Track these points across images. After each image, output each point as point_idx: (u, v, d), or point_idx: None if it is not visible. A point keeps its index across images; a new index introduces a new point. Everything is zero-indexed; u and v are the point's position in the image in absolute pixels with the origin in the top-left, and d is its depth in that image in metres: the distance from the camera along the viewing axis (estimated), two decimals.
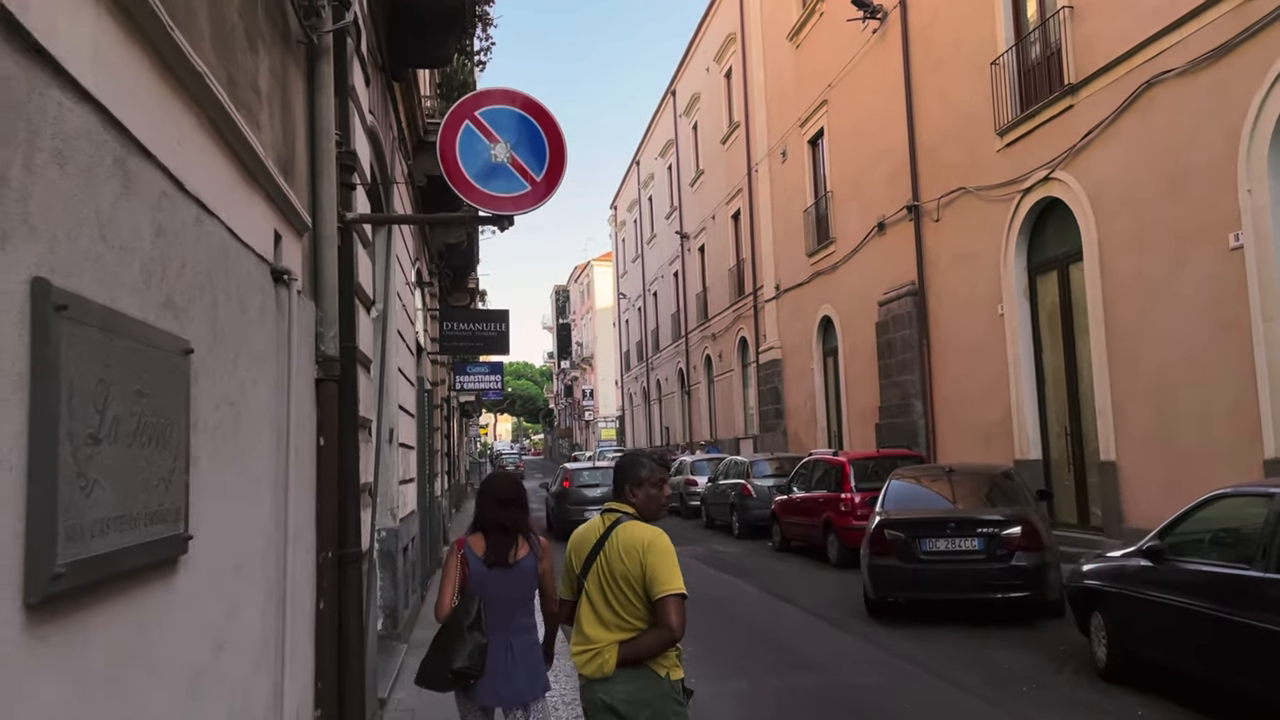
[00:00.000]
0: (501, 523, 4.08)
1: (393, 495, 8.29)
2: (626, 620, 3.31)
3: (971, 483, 10.05)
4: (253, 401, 3.31)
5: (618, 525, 3.40)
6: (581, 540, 3.52)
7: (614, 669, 3.28)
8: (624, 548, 3.31)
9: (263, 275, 3.47)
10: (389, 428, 8.20)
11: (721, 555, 15.72)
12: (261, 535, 3.40)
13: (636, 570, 3.27)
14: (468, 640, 3.82)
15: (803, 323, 23.03)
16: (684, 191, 35.50)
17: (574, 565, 3.50)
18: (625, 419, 52.98)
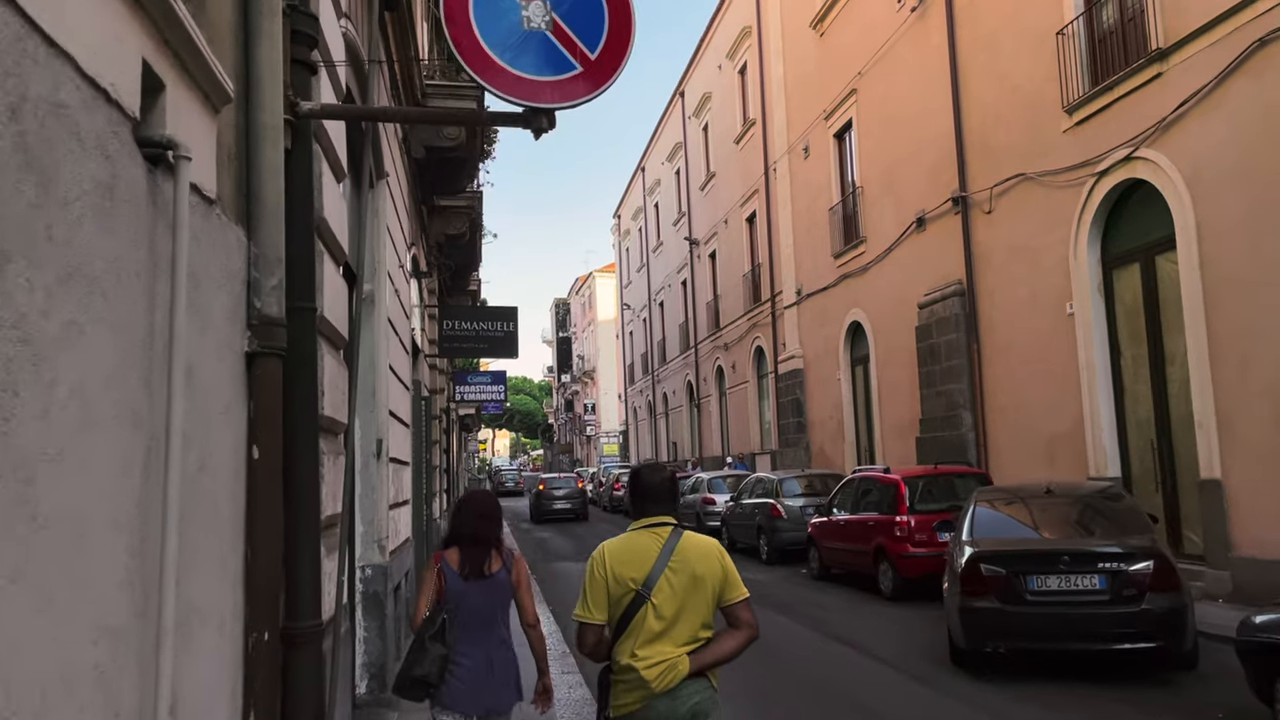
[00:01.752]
0: (475, 536, 4.17)
1: (381, 524, 6.64)
2: (693, 629, 3.33)
3: (1076, 506, 8.42)
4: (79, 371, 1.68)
5: (681, 535, 3.42)
6: (630, 554, 3.37)
7: (684, 677, 3.27)
8: (700, 554, 3.38)
9: (106, 131, 1.83)
10: (376, 438, 6.55)
11: (753, 585, 13.89)
12: (92, 635, 1.76)
13: (718, 573, 3.36)
14: (429, 650, 3.94)
15: (828, 329, 21.42)
16: (693, 196, 33.97)
17: (622, 579, 3.33)
18: (629, 434, 51.28)
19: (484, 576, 4.10)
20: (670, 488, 3.59)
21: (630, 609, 3.33)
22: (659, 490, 3.54)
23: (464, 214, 13.06)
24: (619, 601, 3.36)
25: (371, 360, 6.62)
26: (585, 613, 3.38)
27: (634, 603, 3.32)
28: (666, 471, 3.67)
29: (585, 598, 3.40)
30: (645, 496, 3.53)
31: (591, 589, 3.39)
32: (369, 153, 6.22)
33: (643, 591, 3.31)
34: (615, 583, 3.35)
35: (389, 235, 7.15)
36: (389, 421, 7.04)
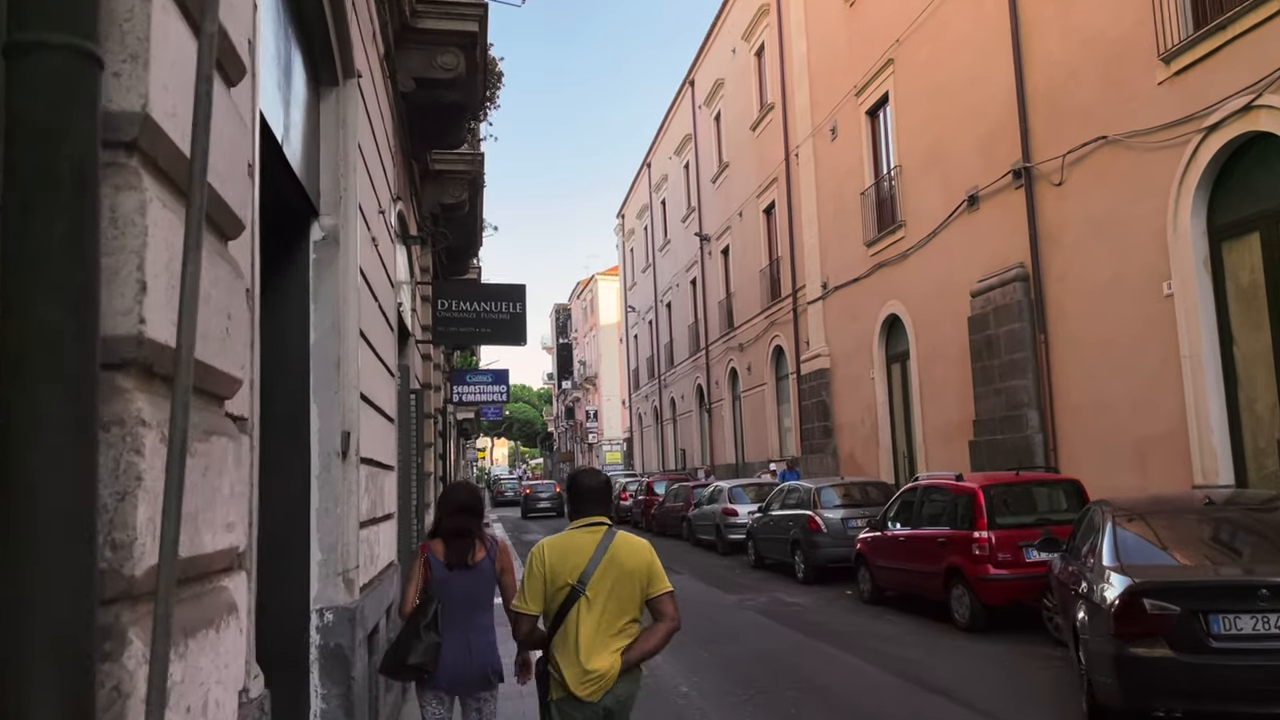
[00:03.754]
0: (458, 528, 4.44)
1: (347, 549, 4.80)
2: (623, 622, 3.66)
3: (1248, 522, 6.58)
4: None
5: (615, 534, 3.76)
6: (567, 551, 3.70)
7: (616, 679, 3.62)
8: (630, 551, 3.73)
9: None
10: (342, 431, 4.71)
11: (794, 609, 12.19)
12: None
13: (644, 569, 3.70)
14: (424, 638, 4.21)
15: (860, 324, 19.61)
16: (704, 190, 32.20)
17: (558, 575, 3.65)
18: (633, 441, 49.42)
19: (468, 566, 4.39)
20: (605, 491, 3.98)
21: (566, 602, 3.64)
22: (595, 493, 3.89)
23: (462, 180, 11.25)
24: (555, 595, 3.66)
25: (334, 321, 4.79)
26: (522, 604, 3.70)
27: (570, 596, 3.63)
28: (602, 476, 4.02)
29: (523, 590, 3.71)
30: (582, 498, 3.87)
31: (530, 583, 3.69)
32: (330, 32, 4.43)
33: (578, 587, 3.62)
34: (554, 578, 3.66)
35: (363, 160, 5.33)
36: (361, 409, 5.21)
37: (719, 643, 10.10)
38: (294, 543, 4.64)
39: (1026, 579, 9.66)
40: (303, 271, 4.77)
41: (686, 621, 11.18)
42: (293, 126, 4.29)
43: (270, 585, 4.64)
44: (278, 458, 4.68)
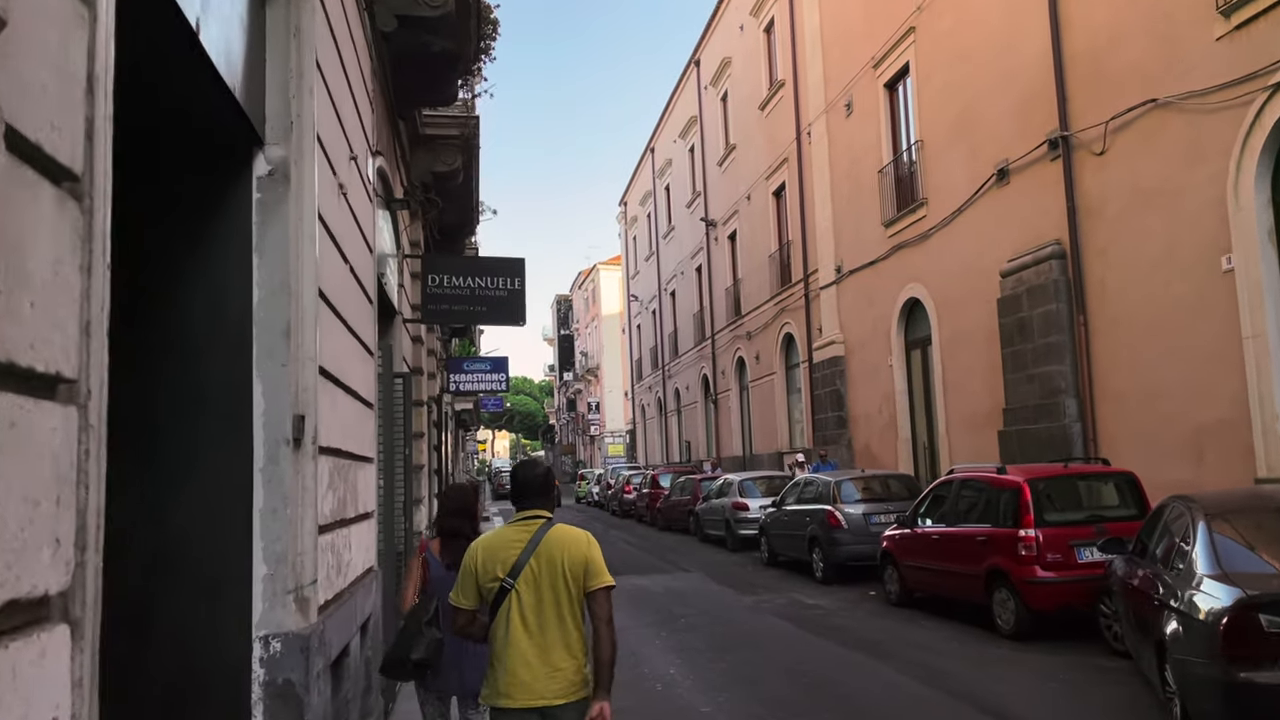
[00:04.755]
0: (453, 530, 4.53)
1: (301, 560, 3.86)
2: (560, 621, 3.51)
3: None
4: None
5: (550, 527, 3.62)
6: (498, 547, 3.61)
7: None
8: (564, 544, 3.56)
9: None
10: (294, 414, 3.78)
11: (816, 613, 11.26)
12: None
13: (580, 561, 3.53)
14: (425, 635, 4.28)
15: (877, 309, 18.64)
16: (710, 173, 31.20)
17: (488, 570, 3.57)
18: (636, 433, 48.50)
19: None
20: (544, 482, 3.78)
21: (498, 597, 3.56)
22: (532, 485, 3.74)
23: (455, 145, 10.31)
24: (488, 591, 3.59)
25: (284, 278, 3.85)
26: (456, 598, 3.67)
27: (500, 591, 3.55)
28: (541, 467, 3.89)
29: (459, 585, 3.67)
30: (520, 492, 3.74)
31: (463, 579, 3.65)
32: None
33: (507, 582, 3.54)
34: (484, 574, 3.58)
35: (324, 84, 4.38)
36: (322, 388, 4.27)
37: (739, 651, 9.17)
38: (229, 554, 3.72)
39: (1078, 582, 8.74)
40: (242, 214, 3.83)
41: (702, 626, 10.21)
42: (223, 26, 3.34)
43: (197, 609, 3.72)
44: (209, 446, 3.76)
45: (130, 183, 4.06)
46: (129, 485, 3.81)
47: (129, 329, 3.90)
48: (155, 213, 3.90)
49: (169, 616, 3.73)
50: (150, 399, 3.82)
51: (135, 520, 3.79)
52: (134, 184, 3.97)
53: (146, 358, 3.85)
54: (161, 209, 3.89)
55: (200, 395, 3.80)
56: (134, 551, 3.79)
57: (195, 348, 3.82)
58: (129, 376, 3.91)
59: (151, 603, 3.73)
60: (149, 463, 3.77)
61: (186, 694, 3.71)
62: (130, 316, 3.89)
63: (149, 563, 3.74)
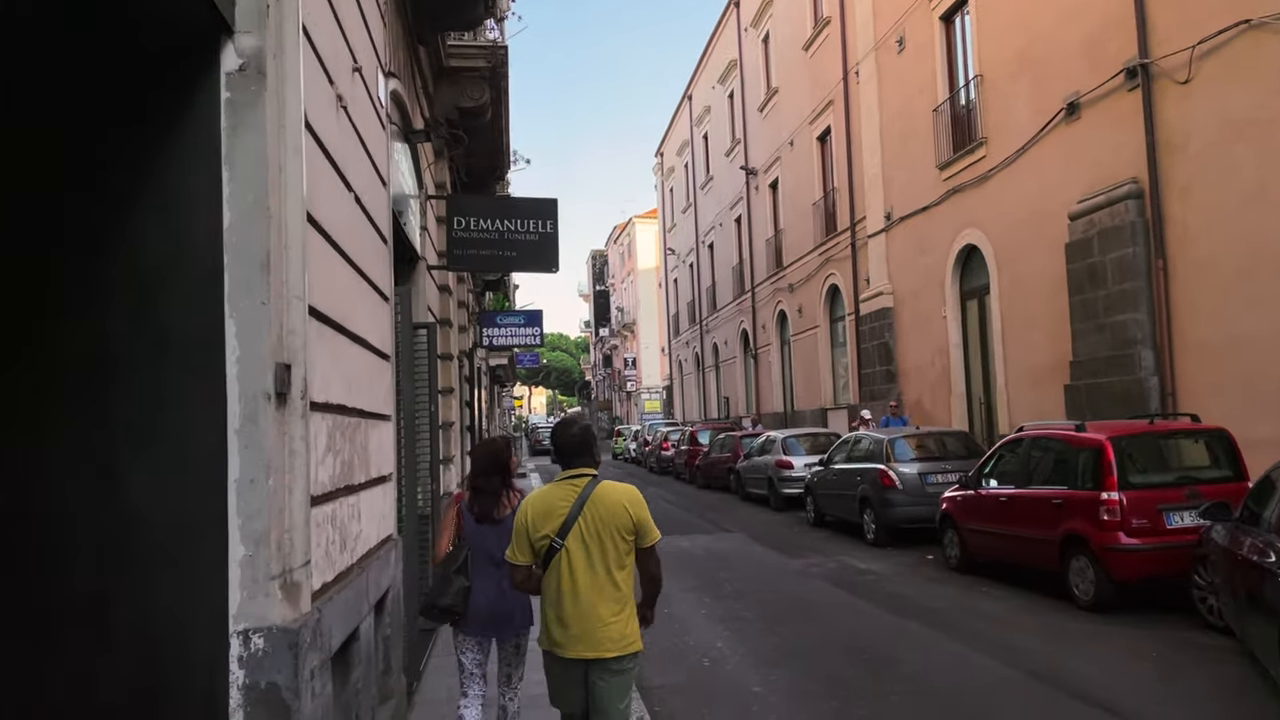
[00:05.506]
0: (483, 485, 4.60)
1: (289, 538, 3.21)
2: (610, 576, 3.66)
3: None
4: None
5: (596, 484, 3.73)
6: (547, 506, 3.73)
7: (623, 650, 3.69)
8: (611, 502, 3.69)
9: None
10: (277, 362, 3.08)
11: (870, 578, 10.57)
12: None
13: (627, 519, 3.67)
14: (454, 583, 4.42)
15: (930, 257, 17.69)
16: (750, 119, 30.09)
17: (538, 528, 3.70)
18: (673, 389, 47.85)
19: (494, 521, 4.53)
20: (584, 440, 3.86)
21: (549, 554, 3.69)
22: (574, 444, 3.84)
23: (482, 78, 9.54)
24: (539, 548, 3.72)
25: (260, 196, 3.15)
26: (512, 555, 3.82)
27: (551, 549, 3.68)
28: (578, 426, 3.89)
29: (514, 543, 3.80)
30: (563, 451, 3.86)
31: (516, 536, 3.79)
32: None
33: (556, 541, 3.67)
34: (534, 531, 3.72)
35: None
36: (316, 332, 3.60)
37: (791, 623, 8.52)
38: (198, 535, 3.07)
39: (1168, 549, 7.96)
40: (208, 117, 3.13)
41: (749, 592, 9.52)
42: None
43: (161, 601, 3.09)
44: (172, 404, 3.10)
45: (72, 86, 3.39)
46: (74, 454, 3.17)
47: (74, 259, 3.24)
48: (105, 121, 3.22)
49: (128, 612, 3.10)
50: (99, 347, 3.16)
51: (82, 496, 3.16)
52: (77, 87, 3.29)
53: (94, 297, 3.18)
54: (112, 116, 3.20)
55: (160, 341, 3.13)
56: (81, 534, 3.16)
57: (153, 282, 3.14)
58: (74, 319, 3.26)
59: (106, 596, 3.11)
60: (99, 425, 3.13)
61: (153, 701, 3.10)
62: (81, 245, 3.23)
63: (100, 548, 3.12)
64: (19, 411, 3.20)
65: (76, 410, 3.16)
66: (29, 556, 3.15)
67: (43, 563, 3.15)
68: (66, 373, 3.17)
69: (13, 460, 3.18)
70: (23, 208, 3.25)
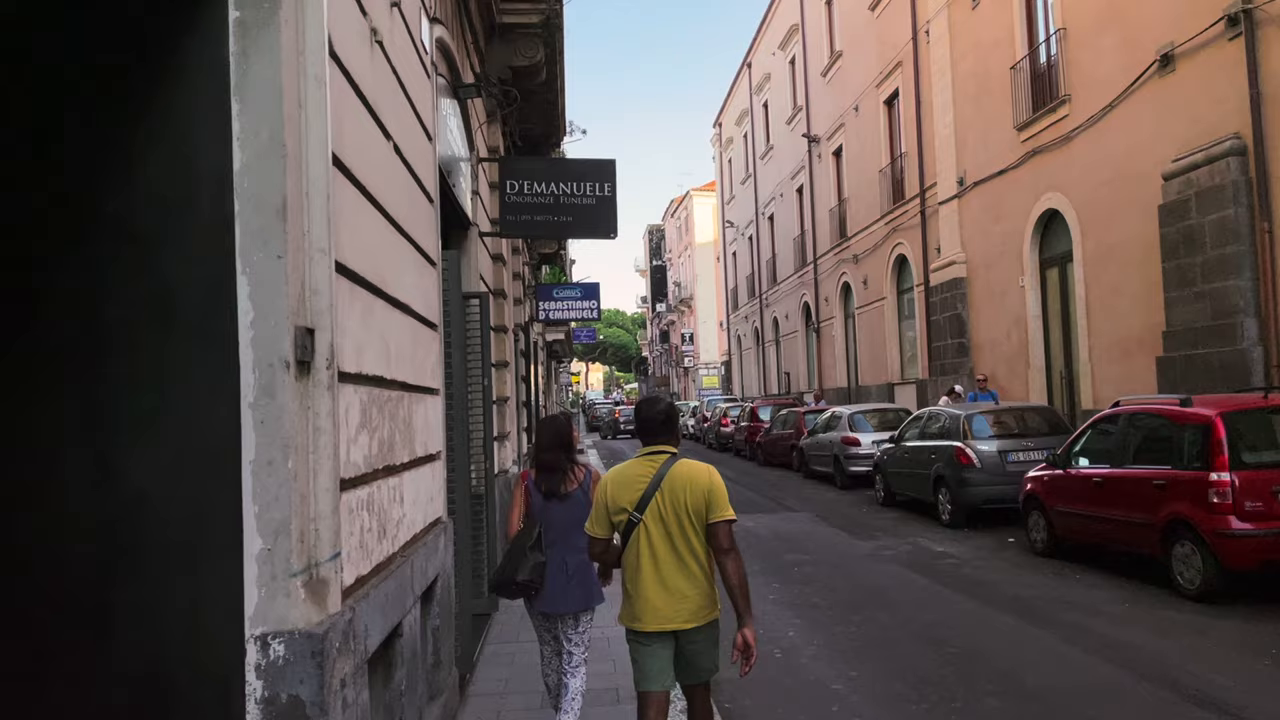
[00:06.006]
0: (548, 462, 4.65)
1: (316, 525, 2.78)
2: (686, 551, 3.72)
3: None
4: None
5: (674, 462, 3.79)
6: (626, 481, 3.82)
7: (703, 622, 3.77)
8: (689, 479, 3.74)
9: None
10: (297, 326, 2.61)
11: (948, 563, 9.96)
12: None
13: (703, 496, 3.70)
14: (529, 558, 4.53)
15: (1006, 223, 16.80)
16: (813, 85, 29.16)
17: (617, 503, 3.79)
18: (732, 364, 47.21)
19: (560, 497, 4.62)
20: (667, 419, 3.93)
21: (627, 528, 3.78)
22: (656, 422, 3.91)
23: (535, 35, 9.04)
24: (617, 523, 3.82)
25: (274, 133, 2.70)
26: (591, 528, 3.92)
27: (629, 524, 3.77)
28: (663, 404, 4.00)
29: (592, 516, 3.92)
30: (644, 428, 3.94)
31: (595, 511, 3.89)
32: None
33: (634, 516, 3.75)
34: (613, 506, 3.81)
35: None
36: (347, 294, 3.16)
37: (867, 611, 7.98)
38: (209, 526, 2.66)
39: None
40: (215, 40, 2.68)
41: (819, 576, 8.93)
42: None
43: (169, 602, 2.69)
44: (176, 375, 2.68)
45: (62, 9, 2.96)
46: (65, 435, 2.77)
47: (60, 211, 2.83)
48: (91, 46, 2.79)
49: (131, 614, 2.71)
50: (91, 311, 2.75)
51: (78, 482, 2.76)
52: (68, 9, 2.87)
53: (84, 253, 2.77)
54: (98, 39, 2.77)
55: (162, 303, 2.71)
56: (77, 526, 2.76)
57: (153, 234, 2.72)
58: (62, 279, 2.85)
59: (106, 596, 2.72)
60: (93, 402, 2.72)
61: (159, 716, 2.70)
62: (69, 195, 2.82)
63: (99, 541, 2.72)
64: (2, 389, 2.81)
65: (67, 385, 2.76)
66: (14, 554, 2.76)
67: (31, 561, 2.77)
68: (55, 342, 2.77)
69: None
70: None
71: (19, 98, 2.81)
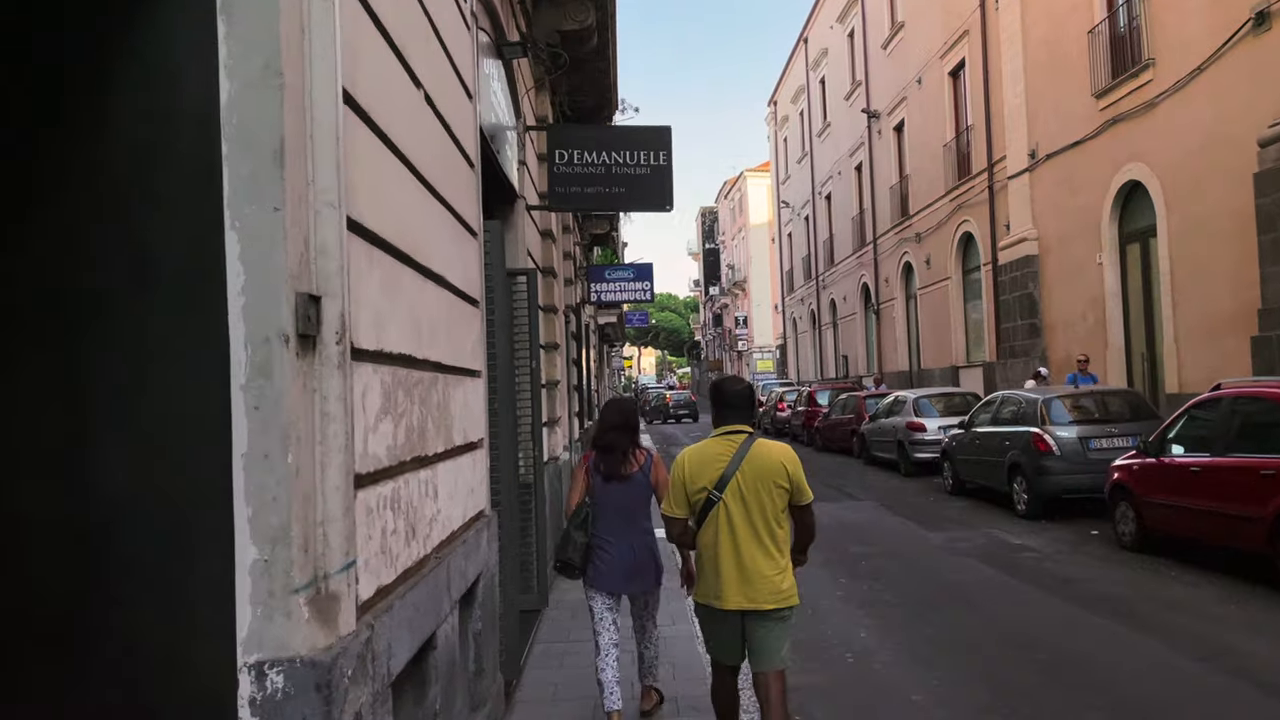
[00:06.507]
0: (610, 444, 4.70)
1: (325, 529, 2.33)
2: (765, 530, 3.74)
3: None
4: None
5: (752, 442, 3.80)
6: (705, 460, 3.84)
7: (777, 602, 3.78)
8: (769, 459, 3.76)
9: None
10: (298, 292, 2.13)
11: (1028, 557, 9.32)
12: None
13: (783, 478, 3.74)
14: (573, 539, 4.64)
15: (1082, 197, 15.92)
16: (872, 59, 28.23)
17: (696, 482, 3.81)
18: (786, 348, 46.40)
19: (621, 478, 4.67)
20: (749, 398, 4.02)
21: (706, 507, 3.79)
22: (738, 400, 3.96)
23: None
24: (695, 501, 3.83)
25: (269, 59, 2.23)
26: (669, 509, 3.95)
27: (708, 503, 3.78)
28: (744, 384, 4.09)
29: (670, 496, 3.94)
30: (726, 405, 3.95)
31: (673, 489, 3.91)
32: None
33: (714, 495, 3.76)
34: (692, 485, 3.83)
35: None
36: (363, 256, 2.70)
37: (944, 610, 7.40)
38: (191, 532, 2.22)
39: None
40: None
41: (889, 571, 8.40)
42: None
43: (146, 621, 2.26)
44: (154, 351, 2.23)
45: None
46: (22, 424, 2.36)
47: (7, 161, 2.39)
48: None
49: (106, 635, 2.29)
50: (54, 278, 2.33)
51: (37, 480, 2.34)
52: None
53: (45, 209, 2.34)
54: None
55: (137, 266, 2.28)
56: (41, 532, 2.34)
57: (125, 184, 2.28)
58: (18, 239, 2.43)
59: (76, 613, 2.30)
60: (57, 385, 2.30)
61: None
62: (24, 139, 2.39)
63: (67, 549, 2.30)
64: None
65: (27, 365, 2.34)
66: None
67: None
68: (12, 315, 2.35)
69: None
70: None
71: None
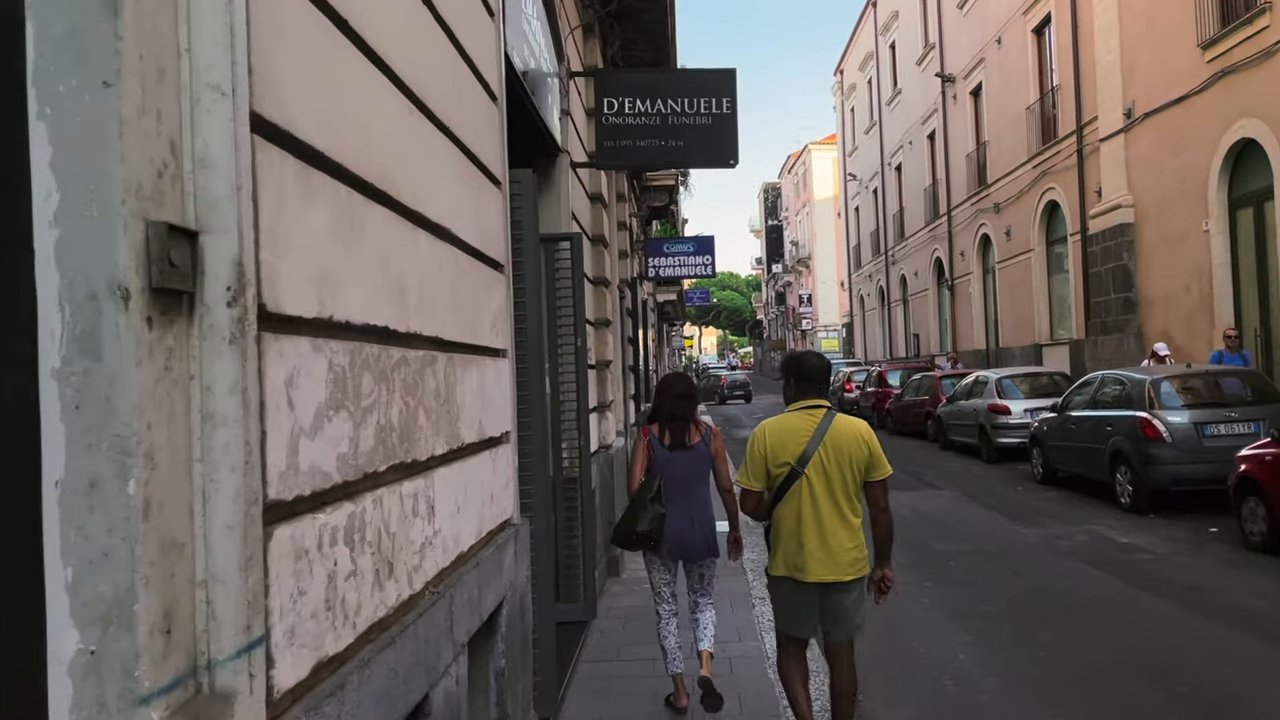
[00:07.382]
0: (676, 413, 4.79)
1: (214, 593, 1.47)
2: (844, 505, 3.78)
3: None
4: None
5: (833, 417, 3.85)
6: (788, 434, 3.84)
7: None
8: (849, 434, 3.81)
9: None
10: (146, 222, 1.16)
11: (1141, 559, 8.22)
12: None
13: (864, 452, 3.79)
14: (649, 510, 4.63)
15: (1186, 157, 14.50)
16: (946, 20, 26.69)
17: (779, 456, 3.82)
18: (853, 326, 44.97)
19: (686, 447, 4.77)
20: (827, 373, 4.07)
21: (786, 481, 3.80)
22: (818, 375, 3.98)
23: None
24: (775, 475, 3.83)
25: None
26: (746, 480, 3.93)
27: (789, 476, 3.79)
28: (824, 358, 4.12)
29: (746, 468, 3.92)
30: (806, 380, 3.96)
31: (751, 462, 3.90)
32: None
33: (797, 468, 3.78)
34: (773, 459, 3.83)
35: None
36: (292, 177, 1.82)
37: (1055, 626, 6.38)
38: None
39: None
40: None
41: (982, 574, 7.65)
42: None
43: None
44: None
45: None
46: None
47: None
48: None
49: None
50: None
51: None
52: None
53: None
54: None
55: None
56: None
57: None
58: None
59: None
60: None
61: None
62: None
63: None
64: None
65: None
66: None
67: None
68: None
69: None
70: None
71: None
